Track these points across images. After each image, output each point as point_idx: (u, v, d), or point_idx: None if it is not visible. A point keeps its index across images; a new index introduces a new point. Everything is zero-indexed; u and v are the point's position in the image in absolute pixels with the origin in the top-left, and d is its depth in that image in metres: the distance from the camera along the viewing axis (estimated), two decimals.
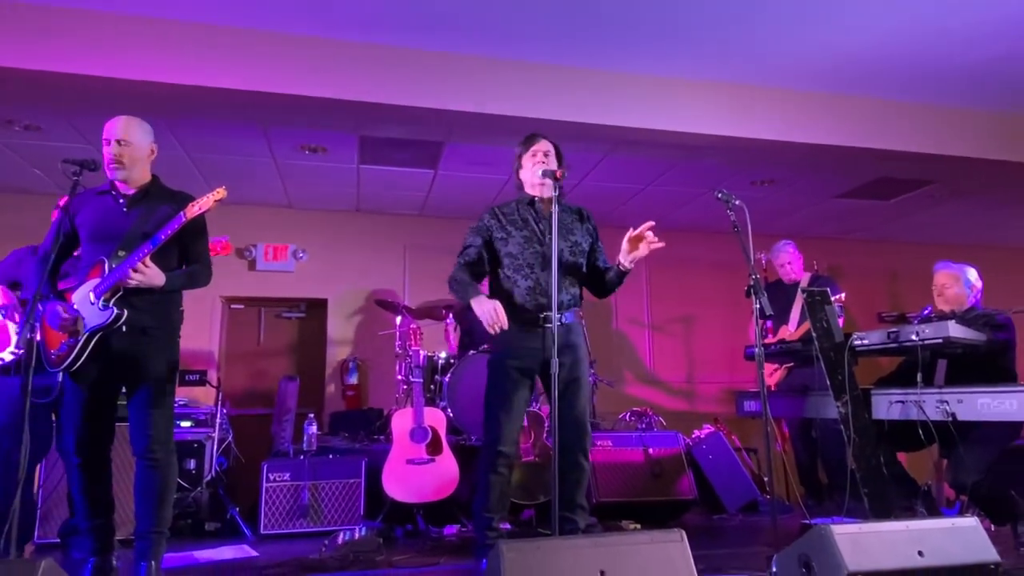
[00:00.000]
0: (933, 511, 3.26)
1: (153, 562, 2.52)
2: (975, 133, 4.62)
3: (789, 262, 4.62)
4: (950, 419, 2.81)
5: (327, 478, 3.84)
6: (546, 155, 2.81)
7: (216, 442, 4.14)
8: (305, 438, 4.08)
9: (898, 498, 3.15)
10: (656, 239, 2.68)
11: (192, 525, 3.91)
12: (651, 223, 2.69)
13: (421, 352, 4.10)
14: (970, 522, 2.21)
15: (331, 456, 3.95)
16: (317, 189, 5.54)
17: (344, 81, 3.74)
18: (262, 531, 3.72)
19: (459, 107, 3.88)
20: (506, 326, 2.54)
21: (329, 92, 3.71)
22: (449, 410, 4.19)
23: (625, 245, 2.71)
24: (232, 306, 6.06)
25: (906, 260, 7.04)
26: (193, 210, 2.53)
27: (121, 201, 2.66)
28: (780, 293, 4.55)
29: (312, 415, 4.29)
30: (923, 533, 2.14)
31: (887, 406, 3.05)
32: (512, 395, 2.68)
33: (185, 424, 4.16)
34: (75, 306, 2.55)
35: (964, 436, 3.01)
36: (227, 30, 3.61)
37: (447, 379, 4.30)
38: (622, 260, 2.74)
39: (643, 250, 2.68)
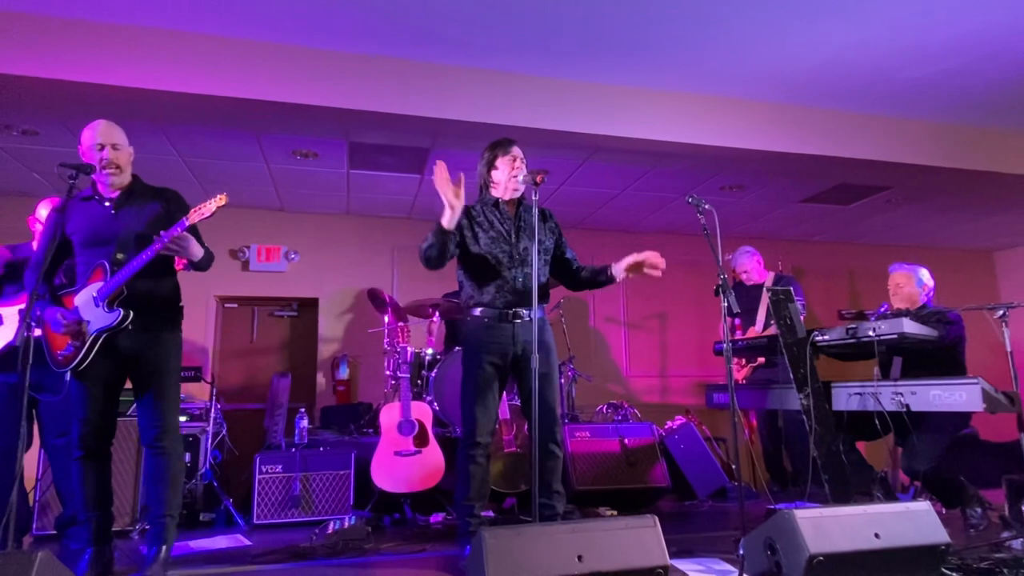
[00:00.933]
0: (889, 496, 3.31)
1: (165, 546, 2.53)
2: (928, 143, 4.69)
3: (746, 271, 4.65)
4: (904, 410, 2.86)
5: (318, 470, 3.81)
6: (523, 161, 2.82)
7: (210, 436, 4.10)
8: (297, 431, 4.05)
9: (857, 484, 3.19)
10: (660, 271, 2.69)
11: (187, 516, 3.87)
12: (662, 263, 2.69)
13: (408, 349, 4.09)
14: (923, 506, 2.25)
15: (322, 449, 3.93)
16: (308, 193, 5.50)
17: (335, 90, 3.72)
18: (255, 521, 3.68)
19: (445, 115, 3.87)
20: (456, 184, 2.52)
21: (321, 100, 3.69)
22: (435, 404, 4.19)
23: (628, 260, 2.70)
24: (226, 305, 6.01)
25: (864, 261, 7.13)
26: (195, 215, 2.53)
27: (107, 204, 2.62)
28: (743, 294, 4.58)
29: (303, 409, 4.26)
30: (879, 516, 2.18)
31: (846, 398, 3.10)
32: (485, 388, 2.68)
33: (180, 419, 4.11)
34: (79, 309, 2.54)
35: (917, 425, 3.06)
36: (223, 40, 3.58)
37: (433, 374, 4.30)
38: (615, 271, 2.76)
39: (649, 273, 2.70)
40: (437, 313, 4.78)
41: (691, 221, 6.27)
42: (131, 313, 2.52)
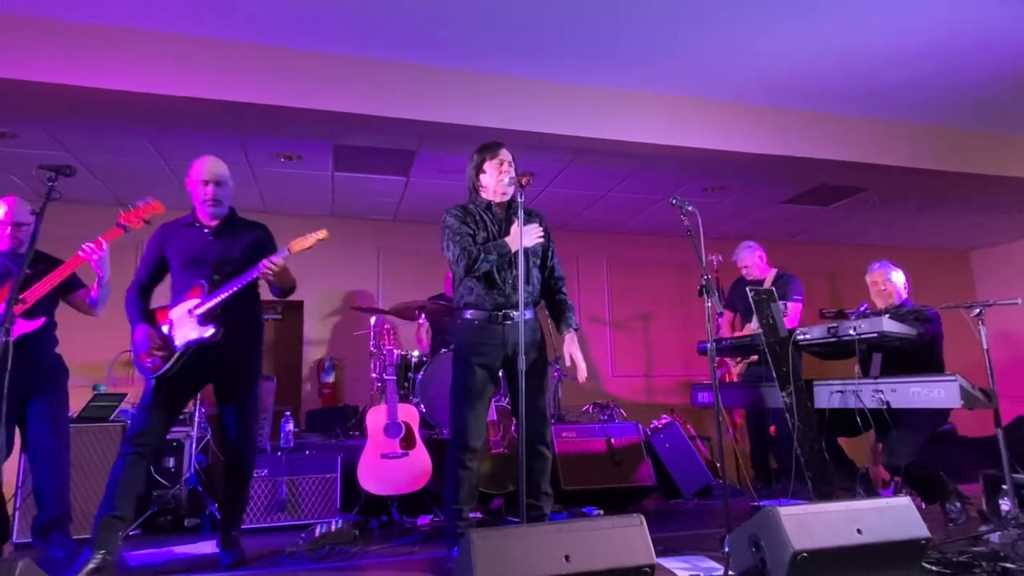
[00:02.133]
0: (870, 492, 3.35)
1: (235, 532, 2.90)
2: (905, 144, 4.76)
3: (746, 266, 4.67)
4: (885, 407, 2.89)
5: (304, 473, 3.79)
6: (510, 164, 2.82)
7: (195, 440, 4.06)
8: (282, 435, 4.03)
9: (839, 480, 3.23)
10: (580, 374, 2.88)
11: (172, 521, 3.83)
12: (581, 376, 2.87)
13: (395, 351, 4.08)
14: (903, 501, 2.28)
15: (308, 452, 3.91)
16: (293, 195, 5.47)
17: (320, 92, 3.70)
18: (241, 525, 3.64)
19: (431, 117, 3.87)
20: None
21: (305, 103, 3.67)
22: (422, 406, 4.18)
23: (570, 355, 2.86)
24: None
25: (844, 260, 7.22)
26: (297, 246, 2.78)
27: (206, 231, 2.87)
28: (744, 290, 4.61)
29: (289, 413, 4.23)
30: (861, 512, 2.20)
31: (828, 395, 3.13)
32: (476, 390, 2.68)
33: None
34: (173, 323, 2.73)
35: (897, 422, 3.10)
36: (205, 41, 3.55)
37: (420, 376, 4.29)
38: (564, 339, 2.89)
39: (574, 369, 2.87)
40: (423, 315, 4.76)
41: (675, 222, 6.29)
42: (221, 330, 2.69)
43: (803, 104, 4.47)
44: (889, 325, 2.99)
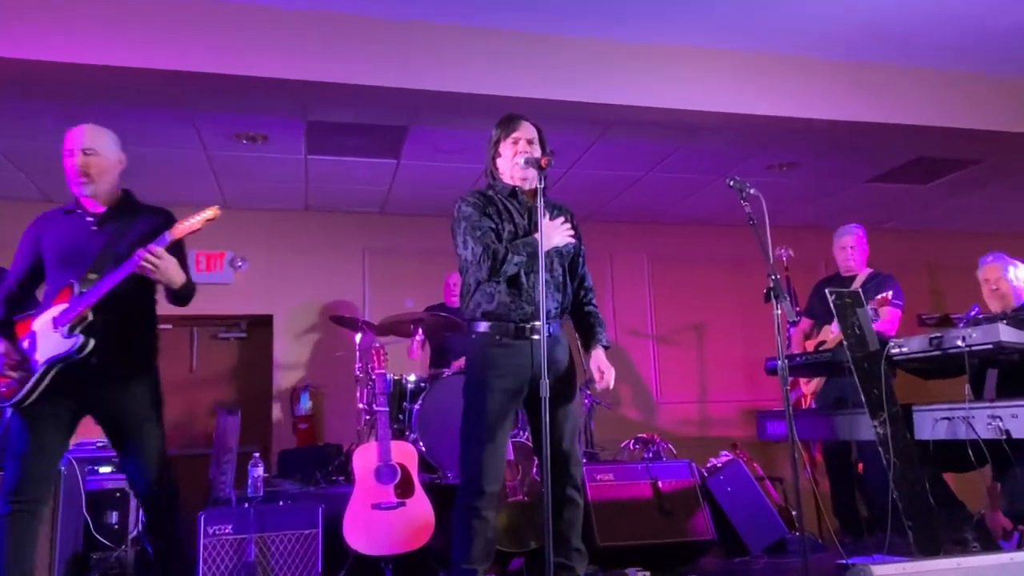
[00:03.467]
0: (987, 544, 3.31)
1: None
2: None
3: (852, 246, 4.62)
4: (1004, 437, 2.86)
5: (277, 529, 3.79)
6: (530, 143, 2.82)
7: None
8: (250, 482, 4.03)
9: (947, 529, 3.19)
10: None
11: None
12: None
13: (386, 375, 4.08)
14: None
15: (281, 503, 3.91)
16: (258, 185, 5.51)
17: (286, 56, 3.73)
18: None
19: (425, 85, 3.88)
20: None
21: (268, 70, 3.70)
22: (421, 443, 4.17)
23: (597, 367, 2.88)
24: (159, 326, 5.99)
25: (948, 252, 7.14)
26: (179, 230, 2.65)
27: (89, 219, 2.75)
28: (835, 286, 4.55)
29: (257, 454, 4.24)
30: (977, 571, 2.18)
31: (932, 424, 3.10)
32: (495, 421, 2.67)
33: (104, 470, 4.11)
34: (34, 335, 2.64)
35: (1020, 456, 3.06)
36: None
37: (417, 406, 4.28)
38: (592, 352, 2.91)
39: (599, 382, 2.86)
40: (420, 331, 4.78)
41: (731, 208, 6.21)
42: (91, 341, 2.59)
43: (897, 58, 4.44)
44: (1007, 334, 2.95)
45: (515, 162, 2.78)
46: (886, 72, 4.52)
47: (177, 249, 2.74)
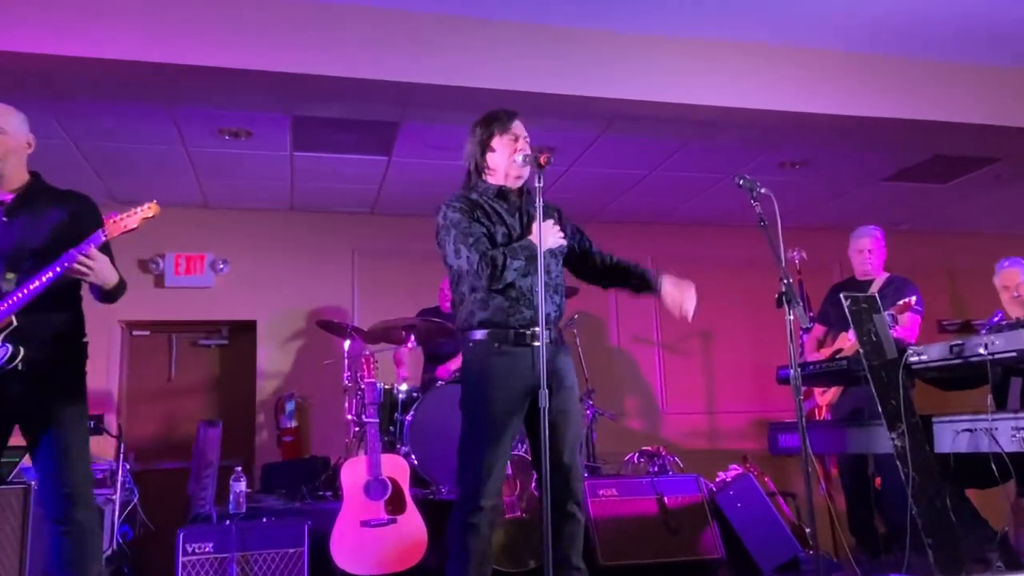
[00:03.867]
0: (1012, 563, 3.31)
1: None
2: None
3: (870, 249, 4.60)
4: None
5: (261, 548, 3.78)
6: (526, 140, 2.83)
7: (118, 506, 4.08)
8: (231, 497, 4.03)
9: (969, 548, 3.19)
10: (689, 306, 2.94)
11: None
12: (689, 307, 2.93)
13: (377, 384, 4.08)
14: None
15: (265, 520, 3.90)
16: (241, 183, 5.50)
17: (274, 48, 3.72)
18: None
19: (418, 78, 3.88)
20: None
21: (252, 62, 3.70)
22: (413, 456, 4.17)
23: (673, 286, 2.96)
24: (135, 333, 5.99)
25: (969, 255, 7.13)
26: (115, 228, 2.57)
27: None
28: (851, 291, 4.54)
29: (240, 468, 4.23)
30: None
31: (952, 436, 3.09)
32: (495, 434, 2.67)
33: None
34: None
35: None
36: None
37: (410, 417, 4.28)
38: (662, 285, 2.99)
39: (683, 305, 2.96)
40: (412, 337, 4.77)
41: (741, 209, 6.23)
42: (21, 350, 2.52)
43: (915, 51, 4.44)
44: None
45: (513, 160, 2.78)
46: (901, 65, 4.52)
47: (106, 246, 2.64)
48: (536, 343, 2.64)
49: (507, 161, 2.80)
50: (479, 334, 2.72)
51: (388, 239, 6.15)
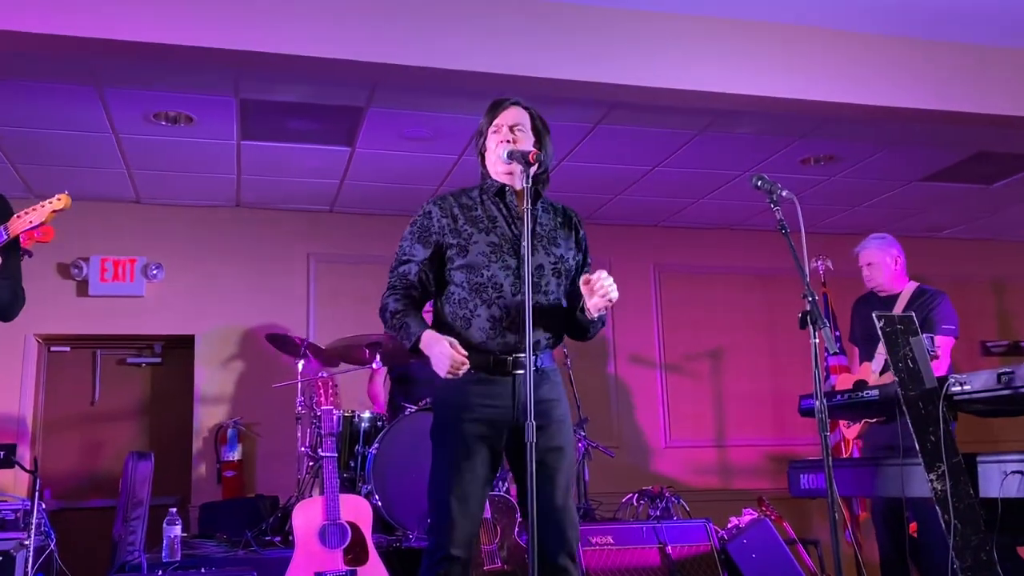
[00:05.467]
0: None
1: None
2: None
3: (870, 263, 4.60)
4: None
5: None
6: (514, 128, 2.80)
7: (32, 552, 4.03)
8: (165, 543, 3.99)
9: None
10: (610, 290, 2.64)
11: None
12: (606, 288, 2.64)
13: (335, 412, 4.04)
14: None
15: (203, 570, 3.88)
16: (179, 176, 5.47)
17: (216, 20, 3.70)
18: None
19: (386, 58, 3.87)
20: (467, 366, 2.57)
21: (193, 37, 3.67)
22: (377, 497, 4.15)
23: (585, 290, 2.70)
24: (53, 348, 5.94)
25: (1018, 267, 7.21)
26: (20, 225, 2.57)
27: None
28: (871, 310, 4.55)
29: (174, 508, 4.21)
30: None
31: (1000, 477, 3.09)
32: (468, 473, 2.66)
33: None
34: None
35: None
36: None
37: (373, 451, 4.26)
38: (587, 306, 2.75)
39: (599, 303, 2.69)
40: (378, 357, 4.75)
41: (757, 211, 6.30)
42: None
43: (959, 34, 4.48)
44: None
45: (497, 154, 2.77)
46: (944, 50, 4.55)
47: (11, 246, 2.64)
48: (519, 371, 2.64)
49: (493, 155, 2.79)
50: None
51: (350, 241, 6.12)
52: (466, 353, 2.57)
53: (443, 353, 2.56)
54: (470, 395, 2.68)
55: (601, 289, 2.63)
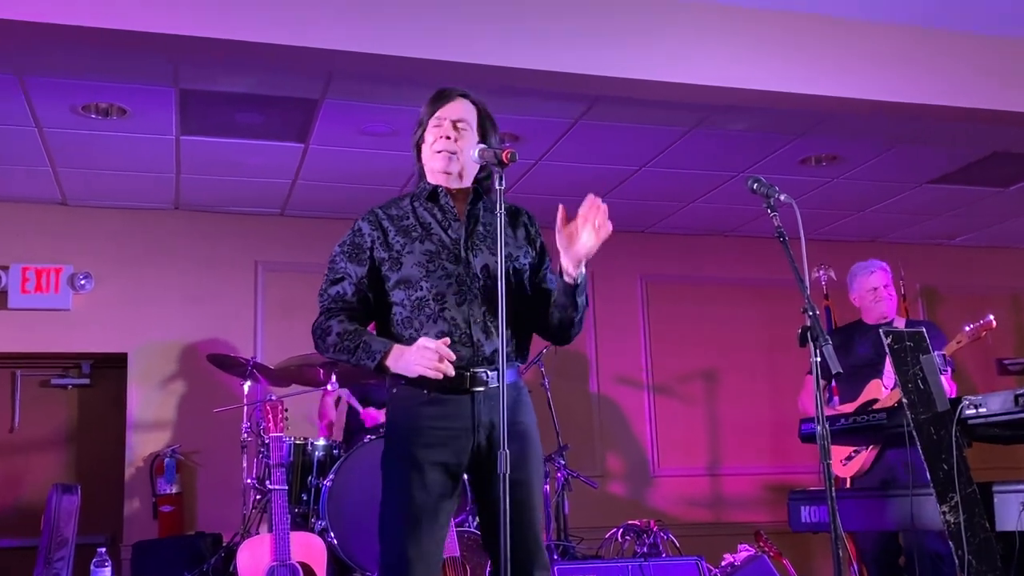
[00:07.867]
0: None
1: None
2: None
3: (886, 284, 4.65)
4: None
5: None
6: (457, 124, 2.79)
7: None
8: None
9: None
10: (602, 211, 2.62)
11: None
12: (593, 197, 2.63)
13: (285, 439, 4.04)
14: None
15: None
16: (111, 175, 5.44)
17: (152, 2, 3.68)
18: None
19: (343, 44, 3.87)
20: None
21: (128, 20, 3.65)
22: (331, 534, 4.12)
23: (561, 239, 2.68)
24: None
25: None
26: None
27: None
28: (860, 337, 4.61)
29: (103, 548, 4.18)
30: None
31: (1019, 510, 3.12)
32: (423, 507, 2.64)
33: None
34: None
35: None
36: None
37: (328, 482, 4.23)
38: (564, 266, 2.73)
39: (588, 240, 2.67)
40: (334, 378, 4.73)
41: (753, 216, 6.34)
42: None
43: (971, 23, 4.53)
44: None
45: (433, 149, 2.76)
46: (956, 41, 4.60)
47: None
48: (477, 388, 2.64)
49: (430, 154, 2.79)
50: (403, 378, 2.69)
51: (302, 249, 6.09)
52: (448, 341, 2.56)
53: (417, 347, 2.53)
54: (421, 417, 2.66)
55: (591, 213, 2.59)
